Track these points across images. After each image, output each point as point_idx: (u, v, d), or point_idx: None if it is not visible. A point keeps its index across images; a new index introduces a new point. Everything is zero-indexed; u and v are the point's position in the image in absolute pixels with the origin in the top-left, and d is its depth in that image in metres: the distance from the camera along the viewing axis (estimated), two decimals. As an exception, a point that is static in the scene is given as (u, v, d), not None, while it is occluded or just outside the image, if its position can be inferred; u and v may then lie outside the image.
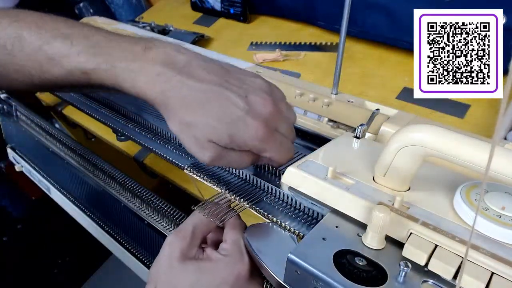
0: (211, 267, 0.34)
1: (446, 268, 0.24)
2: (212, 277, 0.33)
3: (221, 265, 0.33)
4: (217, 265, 0.34)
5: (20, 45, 0.36)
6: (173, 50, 0.34)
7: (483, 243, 0.25)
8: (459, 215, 0.28)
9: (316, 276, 0.25)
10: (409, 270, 0.25)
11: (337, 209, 0.31)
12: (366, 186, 0.31)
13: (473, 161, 0.25)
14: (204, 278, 0.33)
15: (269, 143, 0.33)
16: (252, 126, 0.32)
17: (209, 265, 0.34)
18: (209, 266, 0.34)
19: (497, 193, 0.28)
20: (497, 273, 0.24)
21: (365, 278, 0.25)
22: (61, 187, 0.67)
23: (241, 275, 0.33)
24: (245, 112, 0.32)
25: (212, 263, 0.34)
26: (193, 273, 0.33)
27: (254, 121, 0.32)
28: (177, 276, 0.33)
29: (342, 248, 0.27)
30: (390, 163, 0.29)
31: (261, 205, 0.37)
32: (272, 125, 0.34)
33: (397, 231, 0.27)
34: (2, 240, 1.14)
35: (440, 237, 0.26)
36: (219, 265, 0.33)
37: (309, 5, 0.79)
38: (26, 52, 0.36)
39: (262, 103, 0.33)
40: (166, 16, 1.01)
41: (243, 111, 0.32)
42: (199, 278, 0.33)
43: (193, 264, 0.34)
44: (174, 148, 0.48)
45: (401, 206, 0.29)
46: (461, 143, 0.26)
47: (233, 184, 0.39)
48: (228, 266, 0.33)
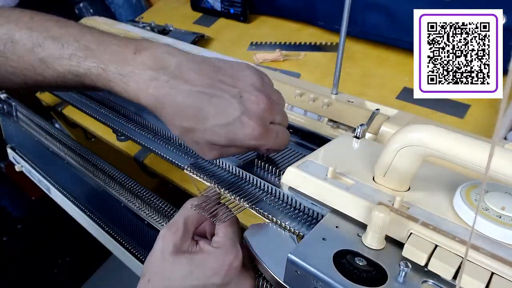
0: (203, 259, 0.34)
1: (446, 268, 0.24)
2: (204, 269, 0.34)
3: (213, 257, 0.34)
4: (209, 257, 0.34)
5: (12, 46, 0.36)
6: (164, 52, 0.34)
7: (483, 243, 0.25)
8: (459, 215, 0.28)
9: (316, 276, 0.25)
10: (409, 270, 0.25)
11: (337, 209, 0.31)
12: (366, 186, 0.31)
13: (472, 161, 0.25)
14: (196, 270, 0.34)
15: (267, 138, 0.34)
16: (249, 126, 0.33)
17: (201, 257, 0.34)
18: (201, 258, 0.34)
19: (497, 193, 0.28)
20: (497, 273, 0.24)
21: (365, 278, 0.25)
22: (61, 187, 0.67)
23: (233, 266, 0.34)
24: (240, 113, 0.32)
25: (204, 255, 0.35)
26: (186, 265, 0.34)
27: (250, 121, 0.33)
28: (170, 268, 0.34)
29: (342, 248, 0.27)
30: (390, 163, 0.29)
31: (261, 205, 0.37)
32: (268, 120, 0.34)
33: (397, 231, 0.27)
34: (2, 240, 1.14)
35: (440, 237, 0.26)
36: (211, 257, 0.34)
37: (309, 5, 0.79)
38: (18, 53, 0.36)
39: (256, 102, 0.33)
40: (166, 16, 1.01)
41: (239, 111, 0.32)
42: (191, 270, 0.34)
43: (185, 257, 0.34)
44: (174, 148, 0.48)
45: (401, 206, 0.28)
46: (461, 143, 0.26)
47: (233, 184, 0.39)
48: (219, 258, 0.34)
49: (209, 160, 0.35)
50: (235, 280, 0.34)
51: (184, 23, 0.96)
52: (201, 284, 0.33)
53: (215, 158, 0.35)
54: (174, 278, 0.34)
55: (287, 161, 0.42)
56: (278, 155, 0.42)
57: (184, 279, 0.33)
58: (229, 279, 0.34)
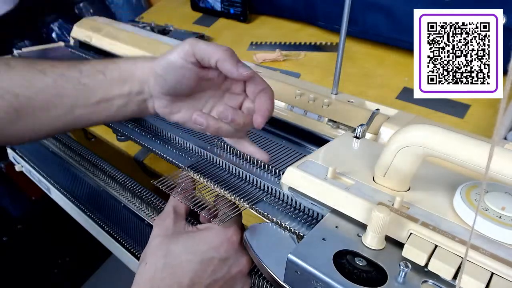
0: (201, 234, 0.35)
1: (446, 268, 0.24)
2: (203, 243, 0.35)
3: (212, 232, 0.35)
4: (208, 232, 0.35)
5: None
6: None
7: (483, 243, 0.25)
8: (459, 215, 0.28)
9: (316, 276, 0.25)
10: (409, 270, 0.25)
11: (337, 209, 0.31)
12: (366, 186, 0.31)
13: (472, 161, 0.25)
14: (194, 245, 0.35)
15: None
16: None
17: (200, 233, 0.36)
18: (199, 234, 0.36)
19: (497, 193, 0.28)
20: (496, 273, 0.24)
21: (365, 278, 0.25)
22: (61, 187, 0.67)
23: (232, 240, 0.35)
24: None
25: (203, 231, 0.36)
26: (184, 242, 0.35)
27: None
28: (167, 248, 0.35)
29: (342, 248, 0.27)
30: (390, 163, 0.29)
31: (261, 205, 0.37)
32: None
33: (397, 231, 0.27)
34: (2, 240, 1.14)
35: (440, 238, 0.26)
36: (210, 232, 0.35)
37: (309, 5, 0.79)
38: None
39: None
40: (166, 16, 1.01)
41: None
42: (190, 245, 0.35)
43: (182, 236, 0.36)
44: (174, 148, 0.48)
45: (401, 206, 0.28)
46: (461, 143, 0.26)
47: (233, 184, 0.39)
48: (219, 233, 0.35)
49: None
50: (234, 256, 0.35)
51: (184, 23, 0.96)
52: (200, 259, 0.34)
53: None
54: (172, 255, 0.34)
55: (287, 161, 0.42)
56: (277, 154, 0.42)
57: (183, 255, 0.34)
58: (227, 254, 0.35)
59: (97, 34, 0.77)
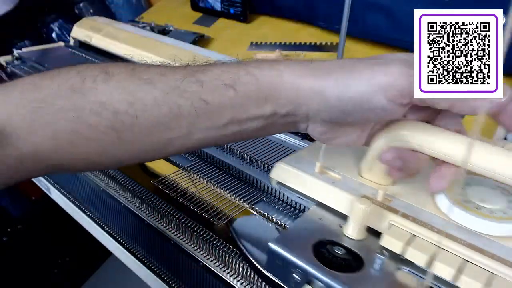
0: None
1: (421, 256, 0.25)
2: None
3: None
4: None
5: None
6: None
7: (460, 233, 0.26)
8: (439, 207, 0.29)
9: (294, 263, 0.26)
10: (386, 258, 0.25)
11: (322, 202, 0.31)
12: (352, 181, 0.31)
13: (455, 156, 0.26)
14: None
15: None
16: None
17: None
18: None
19: (479, 186, 0.29)
20: (471, 261, 0.24)
21: (343, 265, 0.26)
22: (61, 187, 0.67)
23: None
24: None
25: None
26: None
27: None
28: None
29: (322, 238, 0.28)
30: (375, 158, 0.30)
31: (260, 205, 0.37)
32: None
33: (378, 222, 0.28)
34: (2, 240, 1.14)
35: (418, 227, 0.27)
36: None
37: (309, 5, 0.79)
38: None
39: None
40: (166, 16, 1.01)
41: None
42: None
43: None
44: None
45: (384, 199, 0.29)
46: (444, 139, 0.26)
47: (233, 184, 0.39)
48: None
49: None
50: None
51: (184, 23, 0.96)
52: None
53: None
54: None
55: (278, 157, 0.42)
56: (277, 155, 0.42)
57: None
58: None
59: (97, 34, 0.77)
